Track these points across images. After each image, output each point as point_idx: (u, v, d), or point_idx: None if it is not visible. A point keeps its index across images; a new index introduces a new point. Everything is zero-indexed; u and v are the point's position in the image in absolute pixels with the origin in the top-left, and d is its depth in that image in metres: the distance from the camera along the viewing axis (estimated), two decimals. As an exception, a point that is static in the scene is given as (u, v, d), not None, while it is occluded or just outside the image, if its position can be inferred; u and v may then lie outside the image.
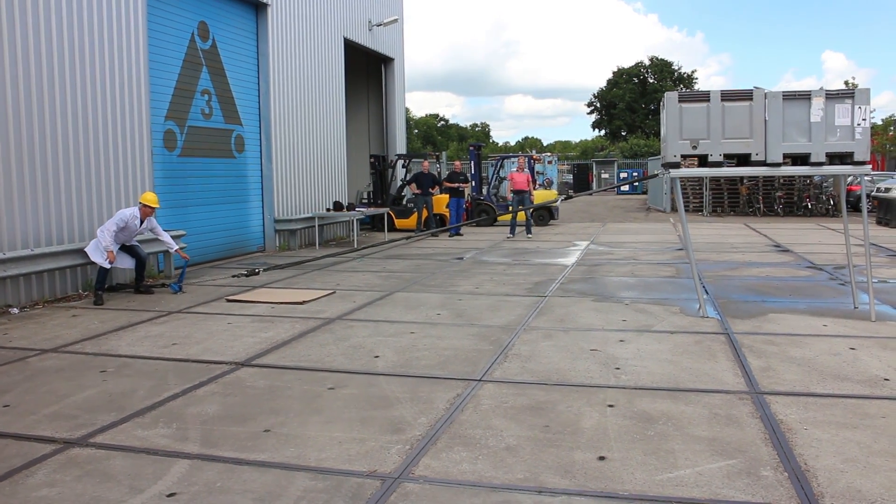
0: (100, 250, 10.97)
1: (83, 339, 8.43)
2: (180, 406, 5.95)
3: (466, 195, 24.23)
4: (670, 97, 9.38)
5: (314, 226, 18.78)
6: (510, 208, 23.63)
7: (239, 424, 5.49)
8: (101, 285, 10.93)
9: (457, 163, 24.53)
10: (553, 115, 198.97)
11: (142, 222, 11.29)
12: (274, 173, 17.66)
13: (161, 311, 10.13)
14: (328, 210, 19.79)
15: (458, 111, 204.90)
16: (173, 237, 13.00)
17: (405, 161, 25.01)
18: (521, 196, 20.76)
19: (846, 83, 42.45)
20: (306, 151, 19.27)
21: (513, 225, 21.19)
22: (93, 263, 11.32)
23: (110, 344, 8.19)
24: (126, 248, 11.41)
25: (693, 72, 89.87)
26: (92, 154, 11.92)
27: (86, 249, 11.13)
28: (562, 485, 4.38)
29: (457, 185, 22.27)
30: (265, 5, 17.22)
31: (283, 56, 18.00)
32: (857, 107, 8.91)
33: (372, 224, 23.34)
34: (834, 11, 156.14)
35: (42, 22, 10.94)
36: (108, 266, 10.90)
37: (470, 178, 24.83)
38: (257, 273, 13.14)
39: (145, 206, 11.25)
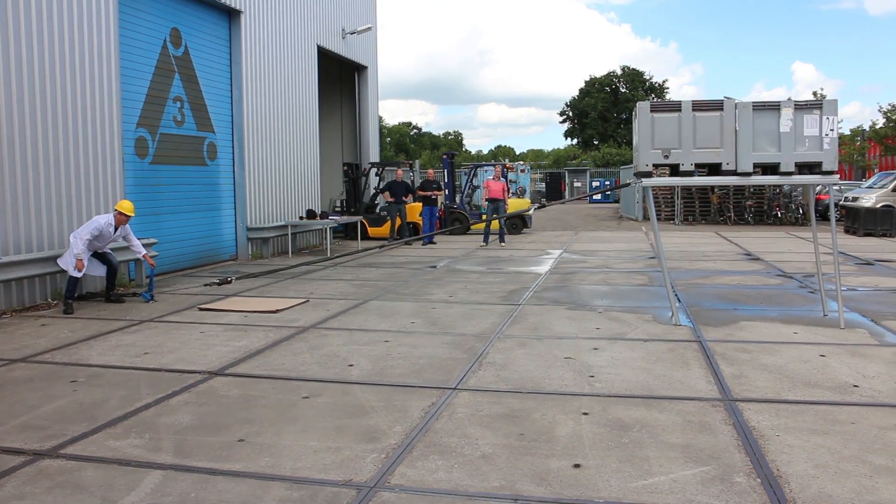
0: (71, 258, 10.83)
1: (53, 349, 8.33)
2: (153, 416, 5.89)
3: (440, 203, 24.25)
4: (642, 107, 9.47)
5: (287, 234, 18.70)
6: (483, 217, 23.72)
7: (213, 434, 5.44)
8: (72, 294, 10.76)
9: (430, 171, 24.53)
10: (527, 124, 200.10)
11: (116, 230, 11.18)
12: (247, 181, 17.57)
13: (133, 319, 10.03)
14: (301, 218, 19.71)
15: (431, 119, 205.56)
16: (144, 245, 12.90)
17: (378, 169, 24.99)
18: (496, 204, 20.83)
19: (815, 94, 43.02)
20: (279, 159, 19.19)
21: (486, 233, 21.25)
22: (63, 272, 11.20)
23: (81, 353, 8.09)
24: (98, 255, 11.29)
25: (664, 81, 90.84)
26: (62, 161, 11.79)
27: (58, 261, 11.03)
28: (537, 493, 4.39)
29: (430, 193, 22.28)
30: (238, 12, 17.15)
31: (256, 63, 17.93)
32: (825, 117, 9.05)
33: (345, 232, 23.28)
34: (804, 23, 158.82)
35: (10, 27, 10.82)
36: (78, 275, 10.75)
37: (443, 187, 24.87)
38: (230, 282, 13.06)
39: (121, 213, 11.14)
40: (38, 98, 11.31)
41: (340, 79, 26.52)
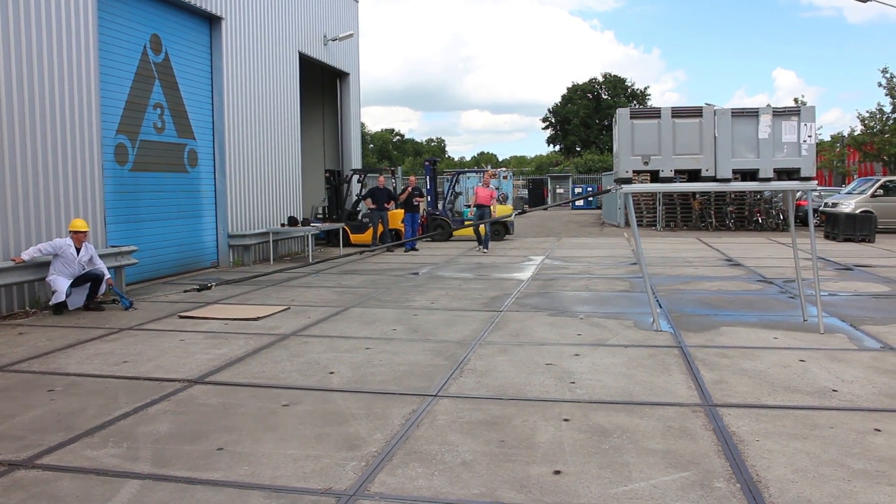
0: (64, 283, 10.93)
1: (30, 358, 8.24)
2: (131, 425, 5.83)
3: (422, 210, 24.25)
4: (622, 113, 9.52)
5: (269, 241, 18.62)
6: (466, 223, 23.81)
7: (192, 443, 5.40)
8: (58, 309, 11.02)
9: (412, 178, 24.54)
10: (510, 131, 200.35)
11: (78, 251, 11.15)
12: (228, 188, 17.48)
13: (112, 328, 9.95)
14: (283, 225, 19.65)
15: (415, 126, 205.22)
16: (124, 252, 12.89)
17: (360, 176, 24.96)
18: (483, 210, 20.92)
19: (796, 100, 43.31)
20: (261, 166, 19.12)
21: (478, 238, 21.22)
22: (41, 280, 11.15)
23: (58, 362, 8.01)
24: (81, 278, 11.22)
25: (646, 88, 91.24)
26: (41, 168, 11.69)
27: (48, 279, 11.09)
28: (517, 499, 4.38)
29: (412, 199, 22.26)
30: (219, 19, 17.09)
31: (237, 70, 17.87)
32: (803, 124, 9.13)
33: (327, 239, 23.22)
34: (785, 31, 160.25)
35: (-11, 34, 10.75)
36: (60, 300, 10.94)
37: (426, 193, 24.88)
38: (209, 288, 12.98)
39: (75, 232, 11.18)
40: (15, 104, 11.21)
41: (322, 85, 26.48)
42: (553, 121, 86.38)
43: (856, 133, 38.52)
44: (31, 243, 11.36)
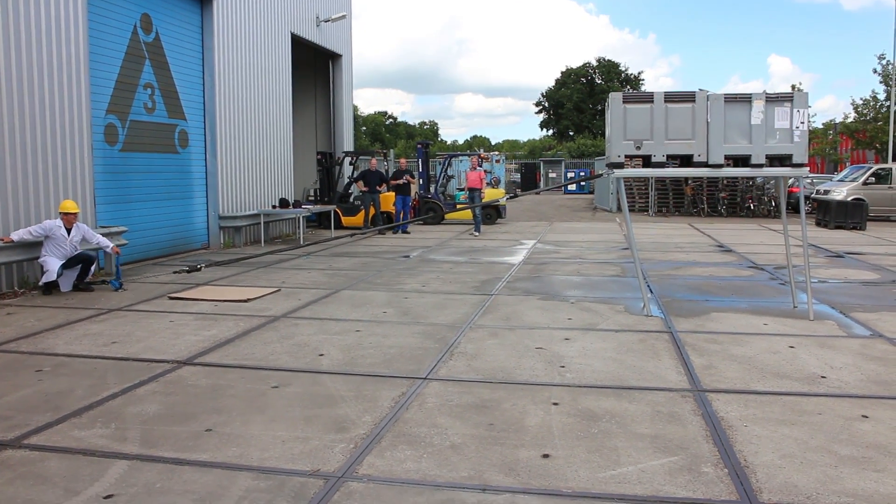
0: (55, 263, 10.90)
1: (18, 338, 8.20)
2: (119, 406, 5.82)
3: (414, 192, 24.22)
4: (615, 98, 9.49)
5: (260, 223, 18.56)
6: (458, 206, 23.91)
7: (180, 424, 5.39)
8: (47, 289, 11.00)
9: (402, 160, 24.51)
10: (503, 114, 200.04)
11: (69, 231, 11.09)
12: (219, 169, 17.40)
13: (101, 308, 9.91)
14: (274, 207, 19.59)
15: (408, 109, 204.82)
16: (114, 233, 12.83)
17: (352, 158, 24.88)
18: (473, 194, 21.12)
19: (793, 87, 43.34)
20: (252, 147, 19.04)
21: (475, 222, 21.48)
22: (30, 260, 11.12)
23: (47, 342, 7.98)
24: (72, 260, 11.17)
25: (640, 73, 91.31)
26: (29, 148, 11.60)
27: (40, 260, 11.08)
28: (506, 483, 4.38)
29: (401, 180, 22.22)
30: (211, -1, 16.96)
31: (228, 50, 17.74)
32: (795, 110, 9.12)
33: (318, 221, 23.16)
34: (780, 17, 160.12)
35: (-23, 11, 10.63)
36: (52, 278, 10.92)
37: (417, 176, 24.87)
38: (199, 269, 12.93)
39: (65, 214, 11.13)
40: (3, 84, 11.09)
41: (315, 67, 26.35)
42: (546, 105, 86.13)
43: (849, 121, 38.60)
44: (20, 223, 11.29)
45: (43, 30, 11.85)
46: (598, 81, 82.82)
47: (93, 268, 11.44)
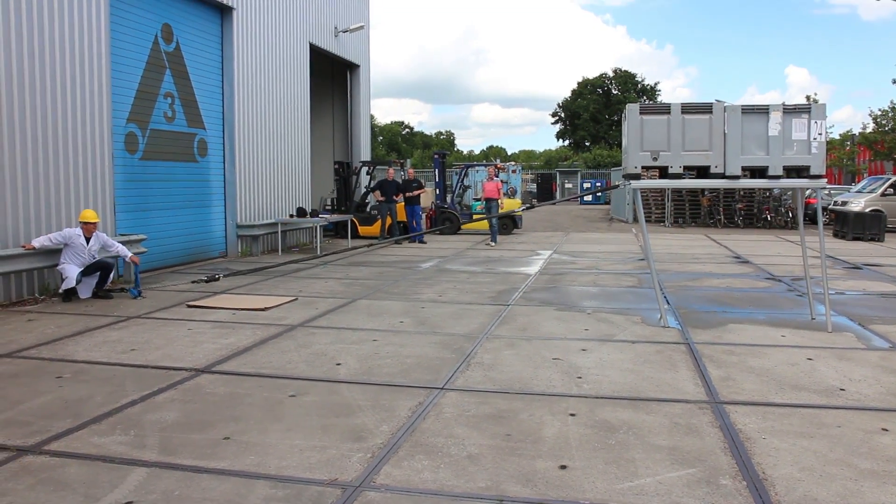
0: (74, 270, 11.01)
1: (39, 345, 8.28)
2: (138, 413, 5.86)
3: (431, 203, 24.30)
4: (632, 109, 9.48)
5: (277, 232, 18.65)
6: (474, 216, 24.01)
7: (198, 432, 5.42)
8: (67, 297, 11.10)
9: (410, 170, 24.62)
10: (520, 125, 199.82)
11: (88, 240, 11.19)
12: (237, 178, 17.51)
13: (120, 316, 9.98)
14: (291, 216, 19.67)
15: (425, 119, 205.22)
16: (133, 241, 12.94)
17: (369, 168, 24.97)
18: (490, 204, 21.24)
19: (808, 98, 43.13)
20: (270, 157, 19.14)
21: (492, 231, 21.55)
22: (50, 267, 11.22)
23: (67, 349, 8.05)
24: (91, 267, 11.27)
25: (657, 84, 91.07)
26: (51, 156, 11.73)
27: (58, 267, 11.18)
28: (523, 494, 4.38)
29: (411, 191, 22.25)
30: (230, 9, 17.10)
31: (247, 60, 17.87)
32: (813, 121, 9.07)
33: (335, 231, 23.24)
34: (798, 28, 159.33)
35: (0, 21, 10.76)
36: (71, 285, 11.01)
37: (435, 186, 24.97)
38: (217, 279, 13.00)
39: (85, 223, 11.21)
40: (27, 93, 11.24)
41: (332, 77, 26.48)
42: (563, 115, 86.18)
43: (867, 131, 38.35)
44: (41, 230, 11.41)
45: (66, 40, 11.99)
46: (615, 92, 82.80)
47: (112, 275, 11.54)
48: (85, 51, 12.44)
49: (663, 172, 9.42)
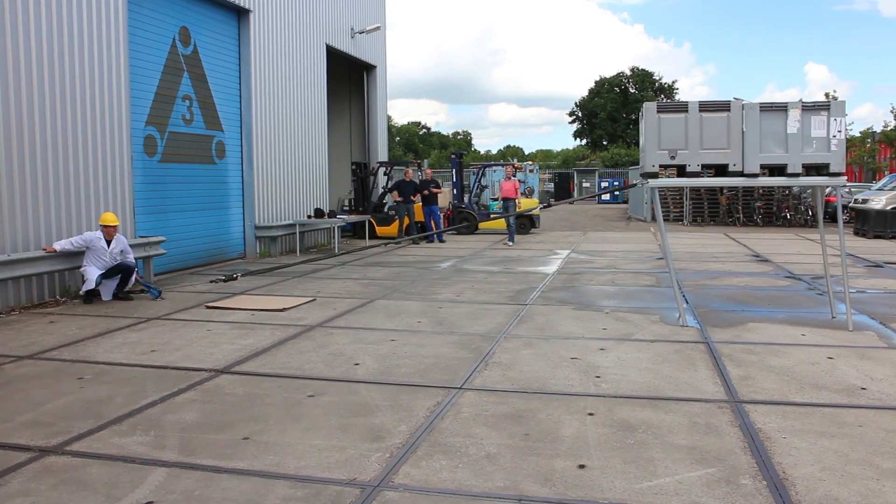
0: (95, 272, 11.10)
1: (60, 346, 8.35)
2: (158, 413, 5.90)
3: (448, 203, 24.32)
4: (649, 108, 9.45)
5: (295, 233, 18.71)
6: (492, 216, 24.01)
7: (218, 432, 5.45)
8: (88, 298, 11.19)
9: (427, 170, 24.65)
10: (537, 124, 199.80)
11: (109, 243, 11.28)
12: (255, 180, 17.59)
13: (140, 317, 10.06)
14: (309, 217, 19.74)
15: (442, 119, 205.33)
16: (153, 243, 13.05)
17: (387, 169, 25.01)
18: (507, 204, 21.27)
19: (827, 95, 42.80)
20: (288, 158, 19.21)
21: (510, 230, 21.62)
22: (71, 269, 11.31)
23: (88, 350, 8.12)
24: (112, 270, 11.35)
25: (674, 82, 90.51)
26: (71, 159, 11.83)
27: (81, 270, 11.27)
28: (541, 493, 4.38)
29: (427, 191, 22.26)
30: (247, 11, 17.18)
31: (264, 62, 17.95)
32: (832, 119, 9.01)
33: (353, 231, 23.30)
34: (817, 24, 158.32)
35: (20, 26, 10.87)
36: (91, 287, 11.08)
37: (452, 186, 25.00)
38: (235, 279, 13.07)
39: (105, 226, 11.29)
40: (47, 97, 11.35)
41: (349, 78, 26.54)
42: (580, 114, 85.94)
43: (888, 128, 38.02)
44: (62, 233, 11.51)
45: (85, 44, 12.09)
46: (632, 91, 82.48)
47: (132, 278, 11.62)
48: (104, 54, 12.54)
49: (681, 171, 9.38)
